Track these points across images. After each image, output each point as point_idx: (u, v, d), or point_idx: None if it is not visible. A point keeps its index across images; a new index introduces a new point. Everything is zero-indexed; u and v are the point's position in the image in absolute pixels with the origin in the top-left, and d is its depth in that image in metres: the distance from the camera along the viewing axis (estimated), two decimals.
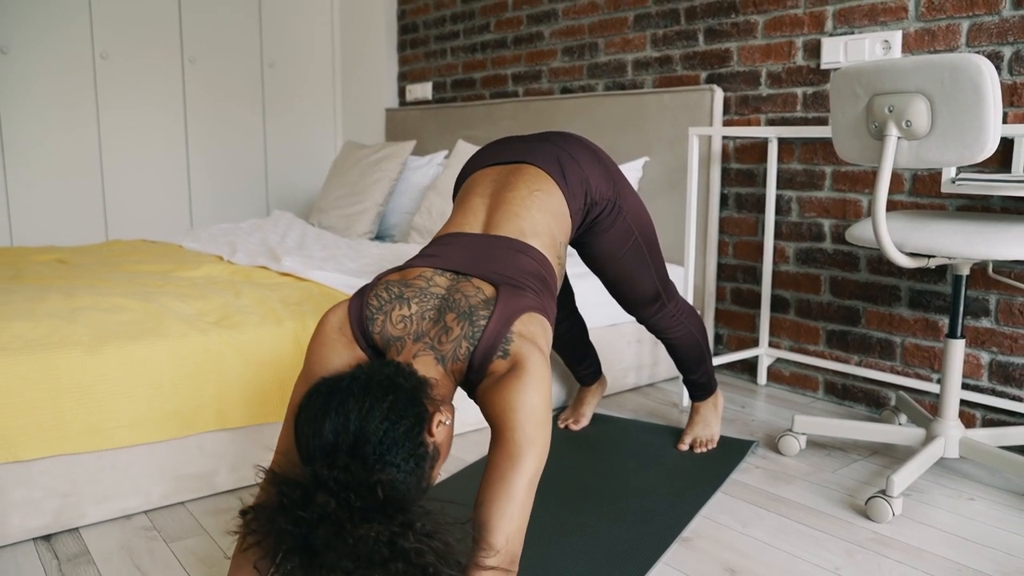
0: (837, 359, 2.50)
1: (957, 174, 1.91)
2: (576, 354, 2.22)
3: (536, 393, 1.22)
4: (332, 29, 4.47)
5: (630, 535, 1.62)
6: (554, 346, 2.21)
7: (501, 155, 1.68)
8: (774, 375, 2.69)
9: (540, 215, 1.53)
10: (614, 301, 2.53)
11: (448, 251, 1.45)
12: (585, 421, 2.26)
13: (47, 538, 1.65)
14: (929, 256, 1.75)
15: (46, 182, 3.64)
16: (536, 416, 1.20)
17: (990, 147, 1.55)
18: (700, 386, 2.09)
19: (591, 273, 2.59)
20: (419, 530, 1.05)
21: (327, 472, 1.06)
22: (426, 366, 1.28)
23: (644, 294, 1.88)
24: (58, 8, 3.59)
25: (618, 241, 1.76)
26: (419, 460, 1.15)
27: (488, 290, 1.36)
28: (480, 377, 1.29)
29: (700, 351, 2.03)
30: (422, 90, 4.10)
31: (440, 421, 1.19)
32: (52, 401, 1.61)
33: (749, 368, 2.76)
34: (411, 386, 1.18)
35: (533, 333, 1.31)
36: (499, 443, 1.20)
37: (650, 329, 1.98)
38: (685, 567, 1.53)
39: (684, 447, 2.08)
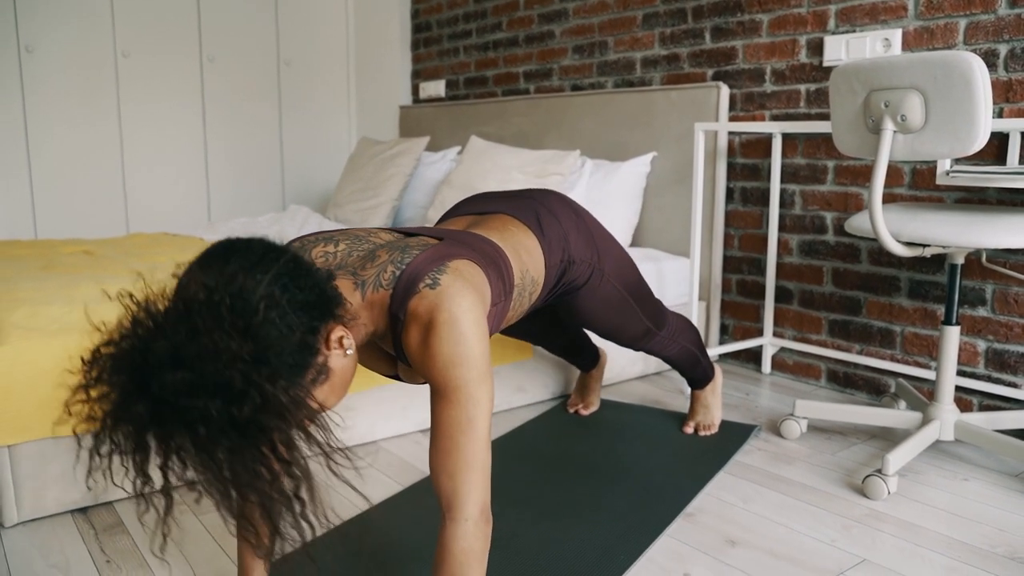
0: (839, 348, 2.57)
1: (951, 166, 1.98)
2: (572, 351, 2.25)
3: (475, 341, 1.12)
4: (347, 28, 4.57)
5: (635, 510, 1.70)
6: (551, 352, 2.25)
7: (477, 207, 1.62)
8: (778, 364, 2.76)
9: (511, 243, 1.45)
10: None
11: (405, 227, 1.41)
12: (595, 406, 2.34)
13: (83, 511, 1.74)
14: (924, 245, 1.82)
15: (69, 177, 3.75)
16: (478, 369, 1.12)
17: (981, 140, 1.62)
18: (697, 380, 2.15)
19: None
20: (283, 388, 0.93)
21: (202, 277, 0.95)
22: (342, 289, 1.16)
23: (634, 336, 1.87)
24: (81, 8, 3.70)
25: (604, 302, 1.71)
26: (304, 350, 1.00)
27: (432, 241, 1.28)
28: (402, 312, 1.15)
29: (694, 357, 2.06)
30: (435, 87, 4.19)
31: (342, 340, 1.06)
32: None
33: (754, 357, 2.83)
34: (325, 284, 1.05)
35: (471, 274, 1.20)
36: (445, 405, 1.13)
37: (645, 352, 1.99)
38: (688, 539, 1.61)
39: (689, 430, 2.16)
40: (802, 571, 1.49)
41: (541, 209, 1.57)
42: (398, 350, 1.20)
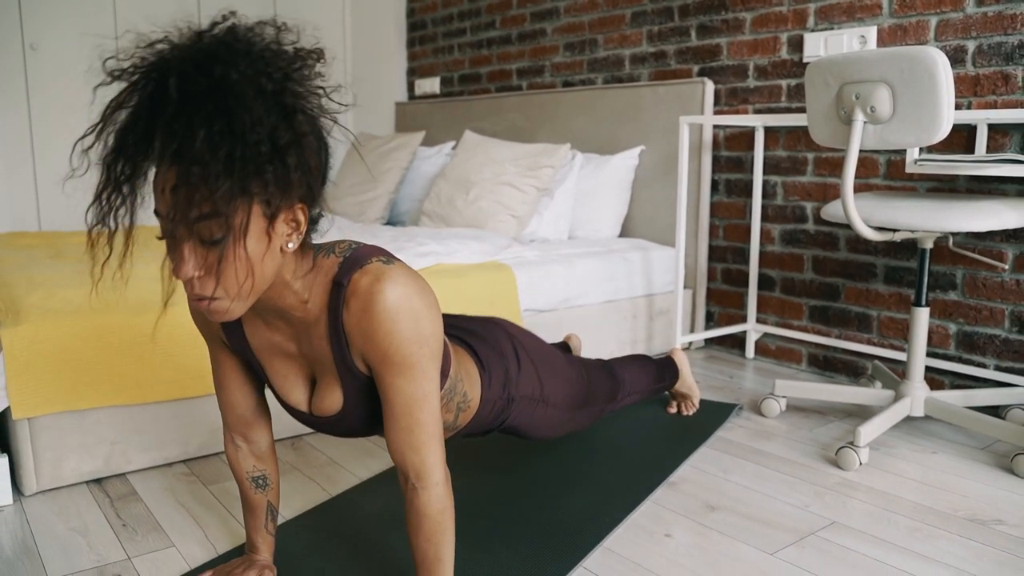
0: (819, 333, 2.68)
1: (920, 154, 2.09)
2: None
3: (428, 320, 1.12)
4: (344, 27, 4.66)
5: (622, 479, 1.81)
6: None
7: None
8: (761, 349, 2.87)
9: (453, 354, 1.40)
10: (610, 279, 2.72)
11: None
12: None
13: (98, 481, 1.83)
14: (893, 230, 1.93)
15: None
16: (430, 347, 1.13)
17: (944, 129, 1.72)
18: (665, 391, 2.19)
19: (586, 255, 2.78)
20: (306, 107, 1.05)
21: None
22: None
23: (592, 420, 1.84)
24: (85, 8, 3.79)
25: (552, 426, 1.67)
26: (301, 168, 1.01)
27: None
28: (346, 279, 1.12)
29: (653, 390, 2.07)
30: (430, 84, 4.29)
31: (298, 227, 1.05)
32: (103, 358, 1.80)
33: (738, 343, 2.94)
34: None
35: (421, 281, 1.16)
36: (401, 382, 1.13)
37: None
38: (670, 504, 1.71)
39: (672, 411, 2.26)
40: (775, 532, 1.59)
41: (480, 344, 1.50)
42: (334, 327, 1.15)
